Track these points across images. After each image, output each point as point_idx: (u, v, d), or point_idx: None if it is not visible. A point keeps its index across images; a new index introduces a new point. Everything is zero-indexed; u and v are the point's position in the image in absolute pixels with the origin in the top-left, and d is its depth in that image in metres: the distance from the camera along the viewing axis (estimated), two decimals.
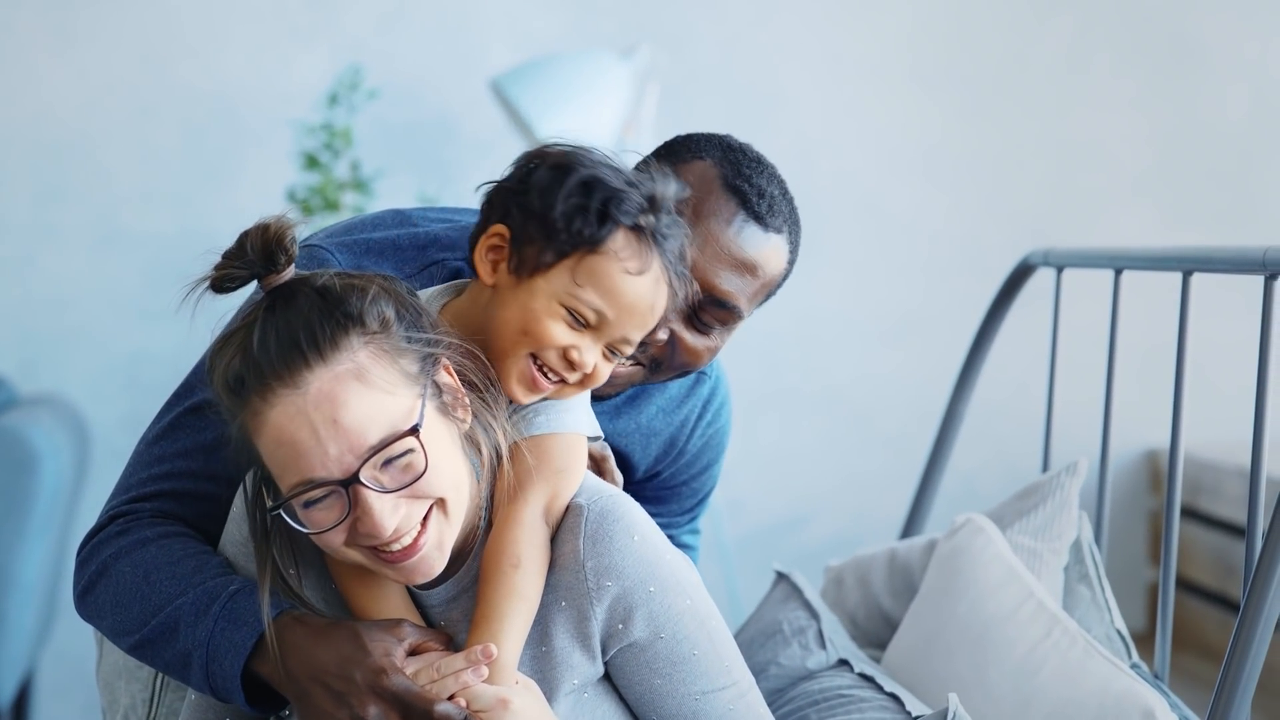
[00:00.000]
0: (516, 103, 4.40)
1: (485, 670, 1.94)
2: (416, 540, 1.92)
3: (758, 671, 2.64)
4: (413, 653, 1.99)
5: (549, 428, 2.10)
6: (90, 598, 2.15)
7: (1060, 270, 3.18)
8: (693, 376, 2.53)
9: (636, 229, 2.04)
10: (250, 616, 2.00)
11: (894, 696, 2.45)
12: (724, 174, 2.27)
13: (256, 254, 1.92)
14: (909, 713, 2.40)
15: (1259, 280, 2.45)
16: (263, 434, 1.88)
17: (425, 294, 2.14)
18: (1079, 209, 5.34)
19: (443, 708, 1.93)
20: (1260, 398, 2.41)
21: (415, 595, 2.05)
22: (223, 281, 1.94)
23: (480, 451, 2.01)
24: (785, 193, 2.32)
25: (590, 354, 2.05)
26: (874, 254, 5.25)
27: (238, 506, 2.11)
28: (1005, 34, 5.29)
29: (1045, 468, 3.19)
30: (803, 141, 5.14)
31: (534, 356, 2.05)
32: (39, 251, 4.91)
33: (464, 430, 1.99)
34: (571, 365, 2.05)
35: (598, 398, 2.33)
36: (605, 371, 2.08)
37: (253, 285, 1.97)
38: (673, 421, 2.53)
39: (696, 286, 2.19)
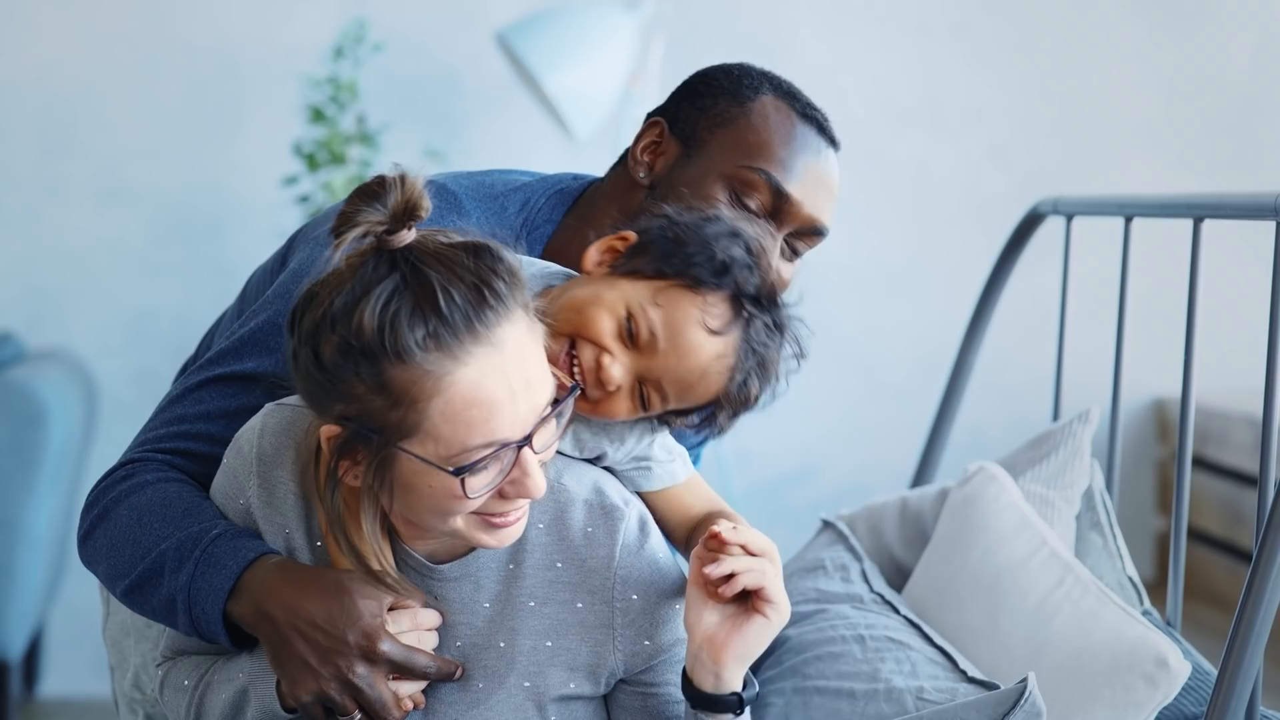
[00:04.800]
0: (522, 55, 4.39)
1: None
2: None
3: (799, 596, 2.64)
4: (389, 610, 1.95)
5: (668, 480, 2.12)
6: (90, 542, 2.14)
7: (1070, 218, 3.17)
8: None
9: (737, 301, 2.00)
10: (229, 560, 1.98)
11: (943, 651, 2.45)
12: (793, 106, 2.33)
13: (397, 207, 1.80)
14: (963, 672, 2.39)
15: (1268, 226, 2.45)
16: (447, 393, 1.76)
17: (541, 273, 2.10)
18: (1085, 157, 5.33)
19: (432, 667, 1.94)
20: (1272, 344, 2.40)
21: (421, 563, 1.99)
22: (346, 222, 1.81)
23: None
24: None
25: (619, 371, 1.97)
26: (880, 204, 5.25)
27: (233, 458, 2.06)
28: None
29: (1055, 417, 3.19)
30: (808, 91, 5.10)
31: (571, 345, 1.99)
32: (45, 206, 4.91)
33: None
34: (599, 371, 1.97)
35: None
36: (621, 408, 2.00)
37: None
38: None
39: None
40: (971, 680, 2.36)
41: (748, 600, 1.94)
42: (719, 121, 2.32)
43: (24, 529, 4.16)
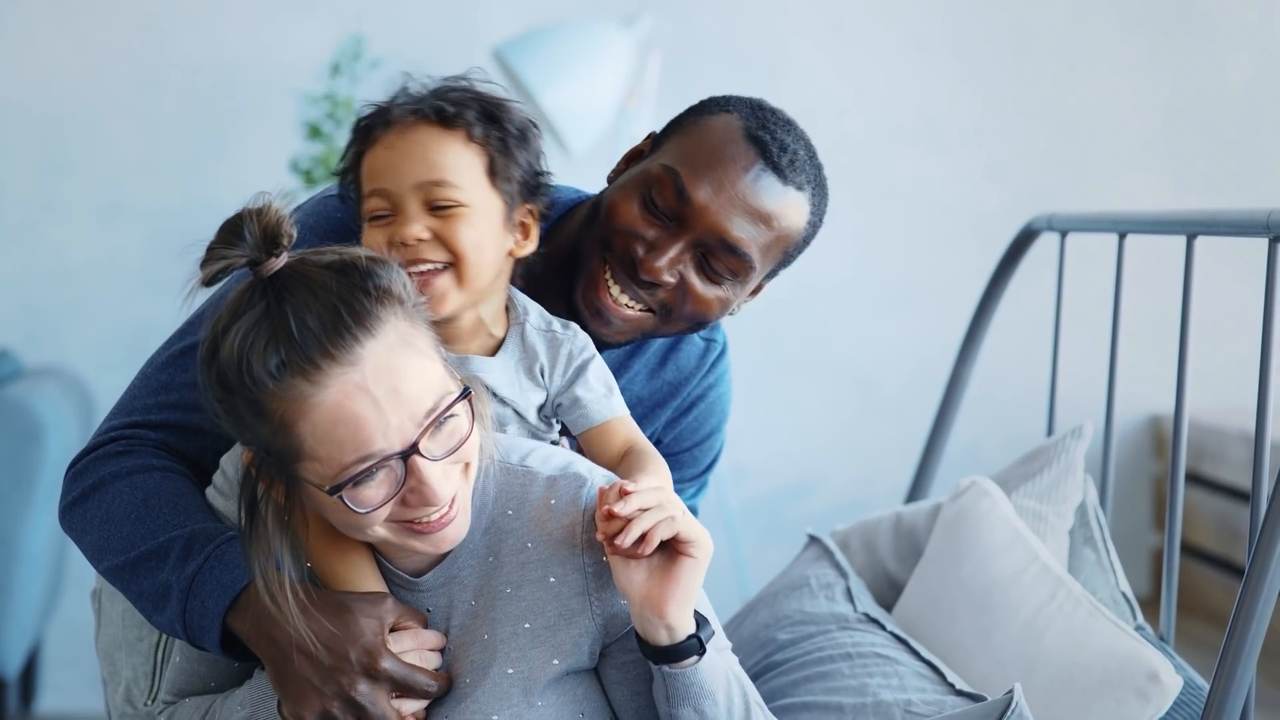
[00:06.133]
0: (519, 71, 4.39)
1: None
2: (451, 506, 1.91)
3: (784, 620, 2.65)
4: (391, 630, 1.98)
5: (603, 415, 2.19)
6: (79, 510, 2.14)
7: (1064, 235, 3.18)
8: (702, 344, 2.54)
9: (383, 125, 2.11)
10: (241, 564, 1.99)
11: (931, 665, 2.45)
12: (746, 125, 2.29)
13: (256, 239, 1.85)
14: (950, 685, 2.40)
15: (1263, 243, 2.46)
16: (312, 415, 1.81)
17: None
18: (1082, 175, 5.33)
19: (432, 686, 1.98)
20: (1264, 361, 2.41)
21: (406, 580, 2.02)
22: (217, 275, 1.87)
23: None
24: (813, 156, 2.35)
25: (410, 227, 2.05)
26: (877, 220, 5.25)
27: (221, 483, 2.11)
28: None
29: (1050, 433, 3.19)
30: (805, 108, 5.07)
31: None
32: (42, 223, 4.92)
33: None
34: (406, 247, 2.05)
35: (605, 345, 2.34)
36: (461, 233, 2.06)
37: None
38: (679, 390, 2.55)
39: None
40: (959, 693, 2.36)
41: (668, 547, 1.95)
42: (674, 129, 2.34)
43: (21, 545, 4.16)
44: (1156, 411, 5.40)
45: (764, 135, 2.29)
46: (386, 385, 1.82)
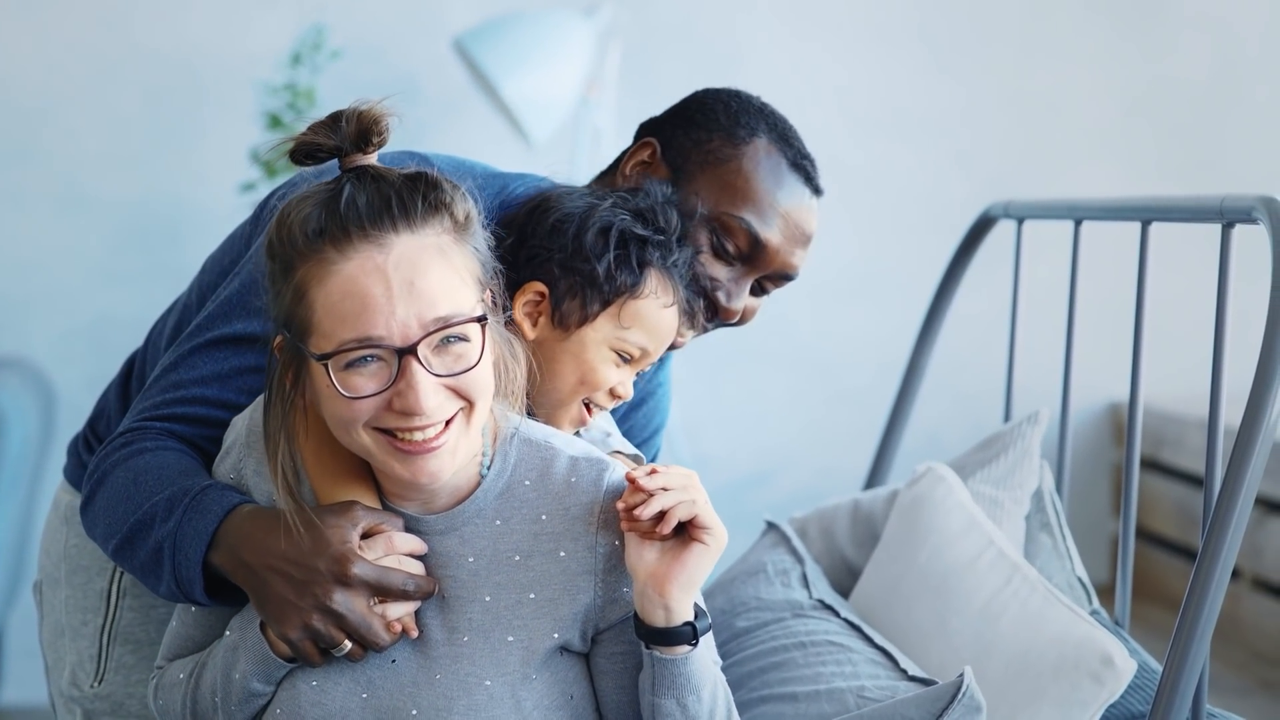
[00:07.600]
0: (480, 61, 4.39)
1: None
2: (439, 434, 1.92)
3: (740, 606, 2.66)
4: (364, 535, 1.99)
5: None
6: (89, 509, 2.18)
7: (1021, 222, 3.19)
8: None
9: (661, 266, 2.21)
10: (214, 506, 2.03)
11: (884, 651, 2.46)
12: (785, 153, 2.40)
13: (351, 129, 1.93)
14: (904, 670, 2.40)
15: (1217, 229, 2.47)
16: (327, 284, 1.88)
17: None
18: (1041, 164, 5.35)
19: (410, 584, 1.99)
20: (1218, 347, 2.43)
21: (409, 518, 2.03)
22: (304, 151, 1.95)
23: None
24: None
25: (631, 382, 2.24)
26: (836, 209, 5.23)
27: (229, 435, 2.13)
28: None
29: (1007, 419, 3.21)
30: (764, 97, 5.13)
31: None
32: (3, 213, 4.90)
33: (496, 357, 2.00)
34: (615, 397, 2.23)
35: None
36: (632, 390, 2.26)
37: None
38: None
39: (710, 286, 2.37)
40: (912, 678, 2.37)
41: (684, 532, 2.00)
42: (710, 160, 2.38)
43: None
44: (1116, 399, 5.42)
45: (803, 162, 2.41)
46: (404, 276, 1.87)
